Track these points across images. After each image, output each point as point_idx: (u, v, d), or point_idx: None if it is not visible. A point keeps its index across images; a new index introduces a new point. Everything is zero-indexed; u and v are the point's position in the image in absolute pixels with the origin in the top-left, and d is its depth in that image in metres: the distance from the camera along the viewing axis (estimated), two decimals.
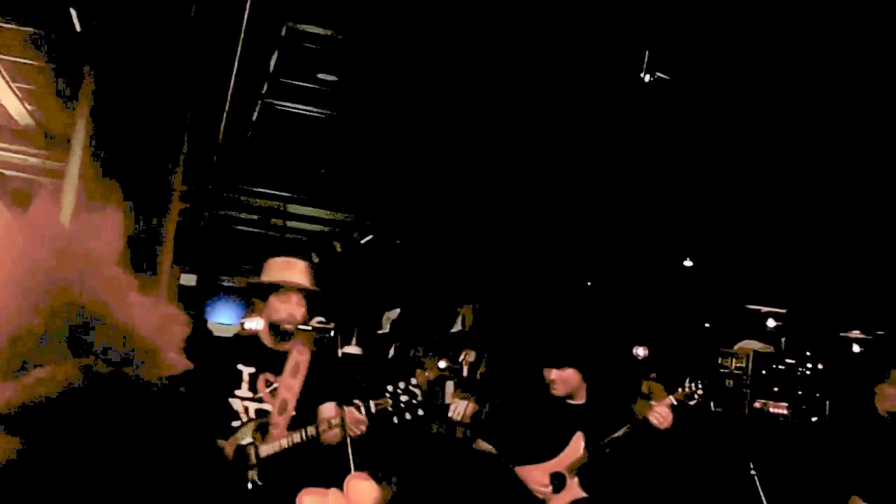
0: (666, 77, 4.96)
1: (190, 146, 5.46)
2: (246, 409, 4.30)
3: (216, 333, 13.83)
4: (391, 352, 14.11)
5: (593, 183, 8.32)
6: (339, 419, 4.15)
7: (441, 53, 5.90)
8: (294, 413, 4.30)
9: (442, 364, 12.38)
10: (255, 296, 4.61)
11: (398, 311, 13.89)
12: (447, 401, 12.13)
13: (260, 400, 4.33)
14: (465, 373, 11.81)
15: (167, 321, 1.17)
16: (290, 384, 4.36)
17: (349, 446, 3.98)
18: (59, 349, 1.02)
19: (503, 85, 6.30)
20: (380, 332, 14.14)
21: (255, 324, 4.61)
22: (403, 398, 4.30)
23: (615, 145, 7.25)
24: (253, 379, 4.37)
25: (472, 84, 6.36)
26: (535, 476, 4.80)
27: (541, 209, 9.35)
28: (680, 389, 4.97)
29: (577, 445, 4.83)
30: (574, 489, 4.76)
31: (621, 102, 6.17)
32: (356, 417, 4.19)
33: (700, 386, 5.02)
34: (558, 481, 4.77)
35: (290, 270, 4.52)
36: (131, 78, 4.99)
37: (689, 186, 8.12)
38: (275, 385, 4.35)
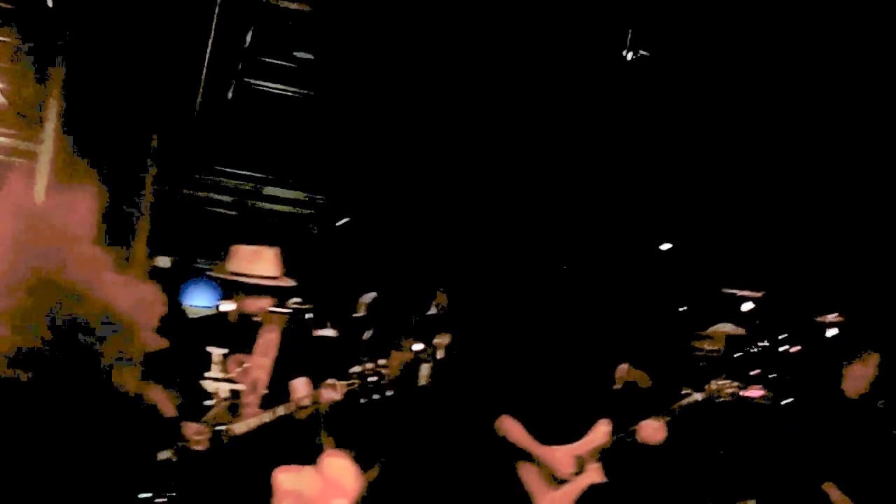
0: (648, 55, 4.93)
1: (164, 126, 5.40)
2: (217, 390, 4.30)
3: (190, 317, 13.74)
4: (366, 335, 14.06)
5: (571, 167, 8.31)
6: (311, 398, 4.15)
7: (419, 31, 5.86)
8: (266, 391, 4.30)
9: (417, 347, 12.38)
10: (224, 287, 4.55)
11: (374, 294, 13.86)
12: (421, 383, 12.14)
13: (231, 380, 4.32)
14: (439, 356, 11.81)
15: (143, 300, 1.15)
16: (262, 363, 4.36)
17: (322, 424, 4.00)
18: (38, 327, 1.00)
19: (481, 65, 6.27)
20: (355, 315, 14.09)
21: (232, 307, 4.60)
22: (371, 379, 4.27)
23: (593, 127, 7.23)
24: (224, 359, 4.35)
25: (451, 63, 6.32)
26: (560, 456, 4.81)
27: (518, 192, 9.33)
28: (707, 386, 4.94)
29: (601, 431, 4.87)
30: (594, 473, 4.79)
31: (600, 83, 6.15)
32: (332, 397, 4.18)
33: (732, 384, 4.97)
34: (579, 465, 4.81)
35: (259, 262, 4.45)
36: (104, 56, 4.93)
37: (665, 169, 8.12)
38: (246, 364, 4.34)
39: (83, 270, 1.09)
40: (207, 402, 4.25)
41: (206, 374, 4.32)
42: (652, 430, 4.76)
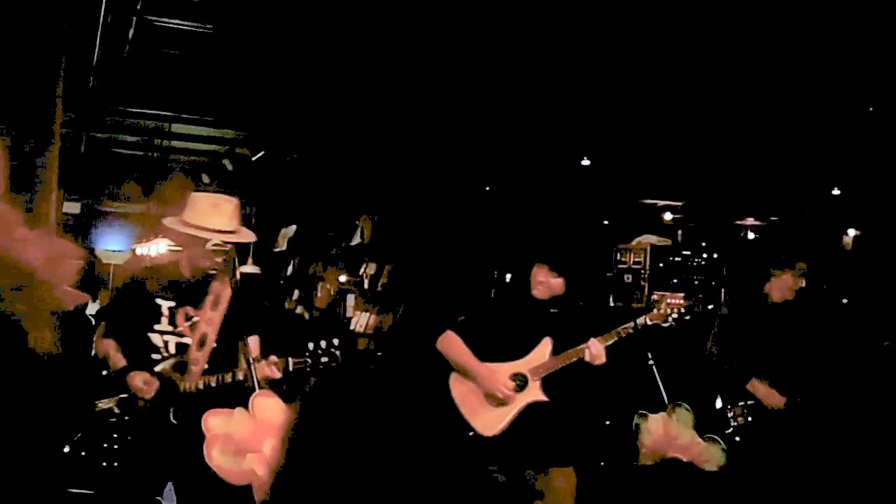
0: None
1: (66, 69, 5.22)
2: (166, 344, 4.21)
3: (105, 261, 13.56)
4: (290, 269, 14.00)
5: (489, 86, 8.25)
6: (251, 367, 4.04)
7: None
8: (214, 346, 4.19)
9: (342, 278, 12.39)
10: (175, 238, 4.38)
11: (294, 227, 13.77)
12: (349, 314, 12.18)
13: (180, 334, 4.22)
14: (366, 285, 11.85)
15: (58, 255, 1.12)
16: (211, 318, 4.21)
17: (253, 369, 3.92)
18: None
19: None
20: (276, 249, 14.00)
21: (148, 249, 4.48)
22: (324, 359, 4.18)
23: (508, 45, 7.16)
24: (172, 313, 4.26)
25: None
26: (498, 375, 4.81)
27: (435, 113, 9.26)
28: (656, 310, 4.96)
29: (543, 349, 4.87)
30: (535, 391, 4.80)
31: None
32: (267, 374, 4.08)
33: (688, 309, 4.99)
34: (521, 382, 4.82)
35: (217, 214, 4.22)
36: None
37: (582, 82, 8.11)
38: (195, 319, 4.23)
39: None
40: (155, 356, 4.17)
41: (156, 328, 4.23)
42: (594, 354, 4.77)
